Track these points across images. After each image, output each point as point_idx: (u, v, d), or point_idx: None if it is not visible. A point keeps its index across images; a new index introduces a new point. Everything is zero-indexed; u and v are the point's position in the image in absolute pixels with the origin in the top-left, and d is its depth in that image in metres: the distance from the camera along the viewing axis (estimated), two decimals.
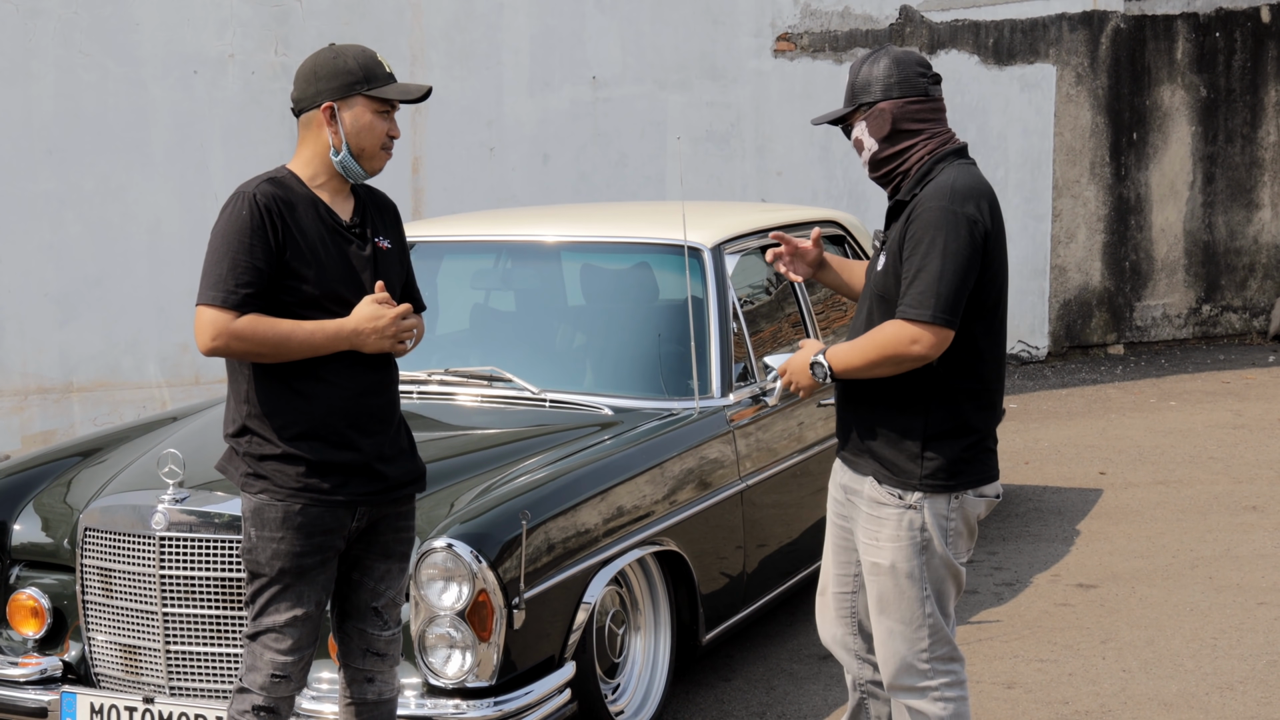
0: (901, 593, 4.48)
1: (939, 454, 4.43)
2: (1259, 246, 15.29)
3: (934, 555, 4.47)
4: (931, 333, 4.30)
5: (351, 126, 4.37)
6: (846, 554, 4.73)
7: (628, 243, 6.76)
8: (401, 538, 4.55)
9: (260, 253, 4.26)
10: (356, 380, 4.38)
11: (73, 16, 10.67)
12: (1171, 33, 14.75)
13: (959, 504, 4.47)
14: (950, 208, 4.32)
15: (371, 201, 4.56)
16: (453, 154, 12.08)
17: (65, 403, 10.77)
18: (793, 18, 13.34)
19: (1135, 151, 14.72)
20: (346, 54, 4.41)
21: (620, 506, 5.53)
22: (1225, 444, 10.69)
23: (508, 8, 12.24)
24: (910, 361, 4.34)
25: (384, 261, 4.48)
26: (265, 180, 4.38)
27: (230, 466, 4.45)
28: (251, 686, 4.38)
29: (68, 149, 10.74)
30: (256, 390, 4.35)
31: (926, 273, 4.30)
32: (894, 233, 4.47)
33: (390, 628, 4.55)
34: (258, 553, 4.35)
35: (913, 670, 4.50)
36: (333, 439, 4.34)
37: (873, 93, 4.50)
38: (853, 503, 4.61)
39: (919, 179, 4.46)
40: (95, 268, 10.85)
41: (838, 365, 4.47)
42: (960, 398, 4.45)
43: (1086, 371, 14.00)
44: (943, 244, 4.30)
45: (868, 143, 4.52)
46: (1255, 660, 6.43)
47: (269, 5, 11.30)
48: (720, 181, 13.05)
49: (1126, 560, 7.91)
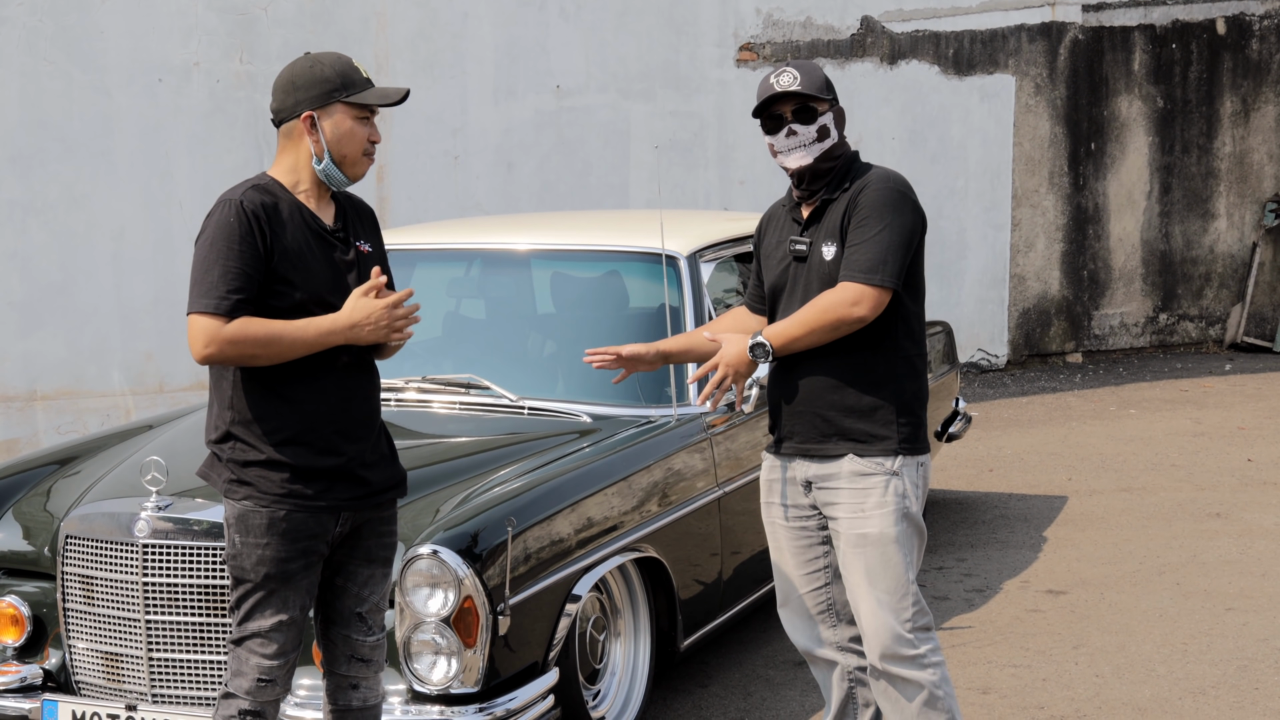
0: (888, 561, 4.69)
1: (909, 420, 4.75)
2: (1215, 256, 15.43)
3: (910, 520, 4.73)
4: (876, 295, 4.60)
5: (332, 134, 4.38)
6: (809, 551, 4.92)
7: (605, 251, 6.78)
8: (384, 542, 4.56)
9: (249, 259, 4.26)
10: (342, 385, 4.39)
11: (37, 24, 10.63)
12: (1129, 44, 14.88)
13: (924, 467, 4.79)
14: (898, 189, 4.71)
15: (351, 207, 4.57)
16: (417, 162, 12.09)
17: (29, 411, 10.72)
18: (755, 28, 13.39)
19: (1093, 161, 14.84)
20: (323, 62, 4.42)
21: (602, 513, 5.55)
22: (1186, 451, 10.79)
23: (472, 17, 12.25)
24: (849, 324, 4.61)
25: (366, 265, 4.50)
26: (251, 187, 4.37)
27: (212, 473, 4.44)
28: (237, 691, 4.38)
29: (32, 157, 10.70)
30: (242, 396, 4.34)
31: (875, 243, 4.62)
32: (829, 224, 4.74)
33: (374, 633, 4.56)
34: (242, 559, 4.35)
35: (901, 639, 4.69)
36: (318, 444, 4.35)
37: (833, 93, 4.82)
38: (827, 489, 4.78)
39: (841, 178, 4.78)
40: (59, 275, 10.81)
41: (778, 340, 4.67)
42: (918, 367, 4.81)
43: (1046, 380, 14.09)
44: (890, 219, 4.65)
45: (833, 132, 4.79)
46: (1226, 665, 6.49)
47: (234, 14, 11.29)
48: (683, 190, 13.10)
49: (1094, 566, 7.98)
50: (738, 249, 7.04)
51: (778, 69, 4.80)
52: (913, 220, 4.69)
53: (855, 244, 4.63)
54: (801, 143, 4.75)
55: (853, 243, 4.64)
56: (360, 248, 4.49)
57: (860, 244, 4.62)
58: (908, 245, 4.66)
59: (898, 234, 4.63)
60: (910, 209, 4.70)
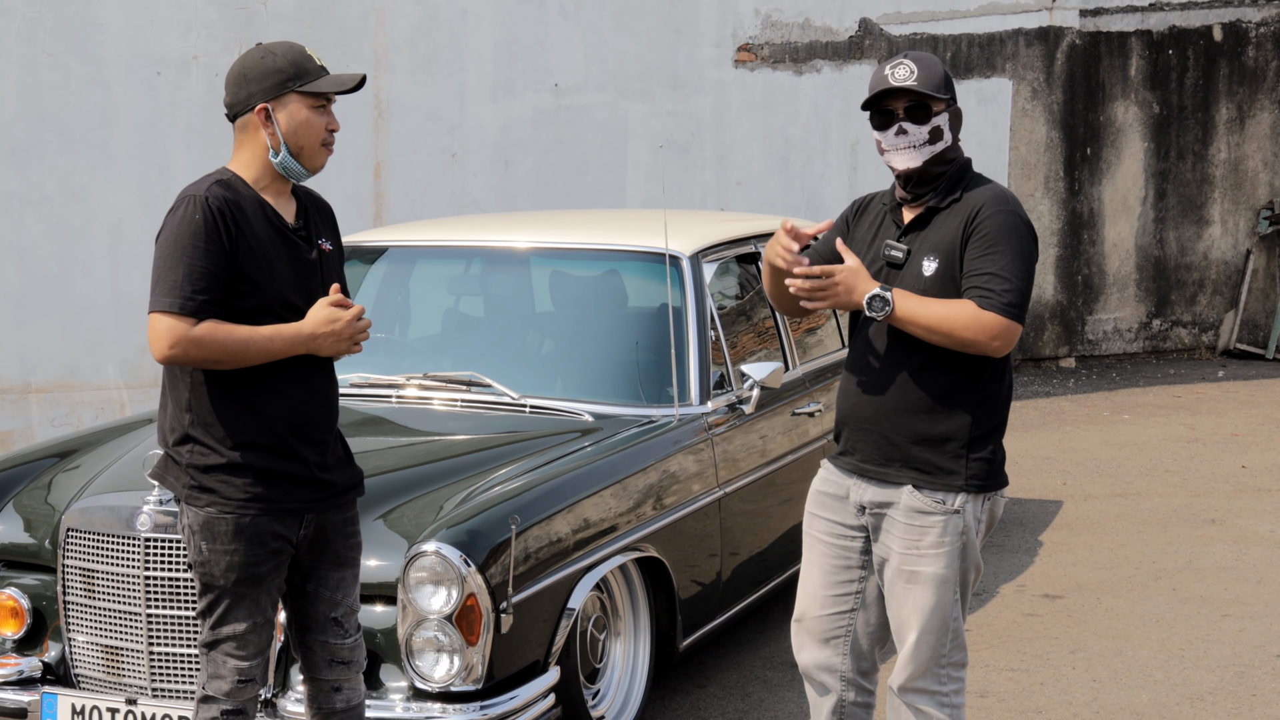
0: (939, 600, 4.44)
1: (982, 455, 4.42)
2: (1209, 262, 15.45)
3: (968, 557, 4.46)
4: (1014, 334, 4.30)
5: (288, 125, 4.30)
6: (843, 573, 4.62)
7: (608, 250, 6.77)
8: (351, 543, 4.54)
9: (215, 257, 4.20)
10: (301, 388, 4.34)
11: (37, 16, 10.61)
12: (1126, 50, 14.89)
13: (990, 503, 4.49)
14: (1020, 216, 4.40)
15: (311, 203, 4.51)
16: (415, 159, 12.08)
17: (23, 404, 10.70)
18: (754, 29, 13.39)
19: (1089, 166, 14.86)
20: (275, 52, 4.34)
21: (604, 512, 5.55)
22: (1180, 457, 10.80)
23: (471, 14, 12.24)
24: (977, 352, 4.30)
25: (327, 264, 4.46)
26: (214, 183, 4.30)
27: (169, 475, 4.38)
28: (217, 694, 4.35)
29: (30, 149, 10.67)
30: (203, 398, 4.29)
31: (1014, 275, 4.30)
32: (936, 237, 4.43)
33: (351, 635, 4.54)
34: (211, 566, 4.31)
35: (930, 675, 4.49)
36: (278, 448, 4.31)
37: (951, 92, 4.47)
38: (881, 515, 4.51)
39: (951, 186, 4.46)
40: (56, 268, 10.79)
41: (903, 312, 4.31)
42: (996, 399, 4.47)
43: (1039, 384, 14.10)
44: (1020, 249, 4.34)
45: (947, 135, 4.44)
46: (1223, 671, 6.50)
47: (233, 8, 11.27)
48: (680, 190, 13.09)
49: (1090, 571, 7.98)
50: (740, 250, 7.04)
51: (894, 60, 4.44)
52: (1034, 252, 4.40)
53: (990, 272, 4.30)
54: (912, 143, 4.41)
55: (984, 270, 4.30)
56: (322, 245, 4.45)
57: (997, 274, 4.29)
58: (1031, 279, 4.37)
59: (1027, 267, 4.34)
60: (1032, 240, 4.40)
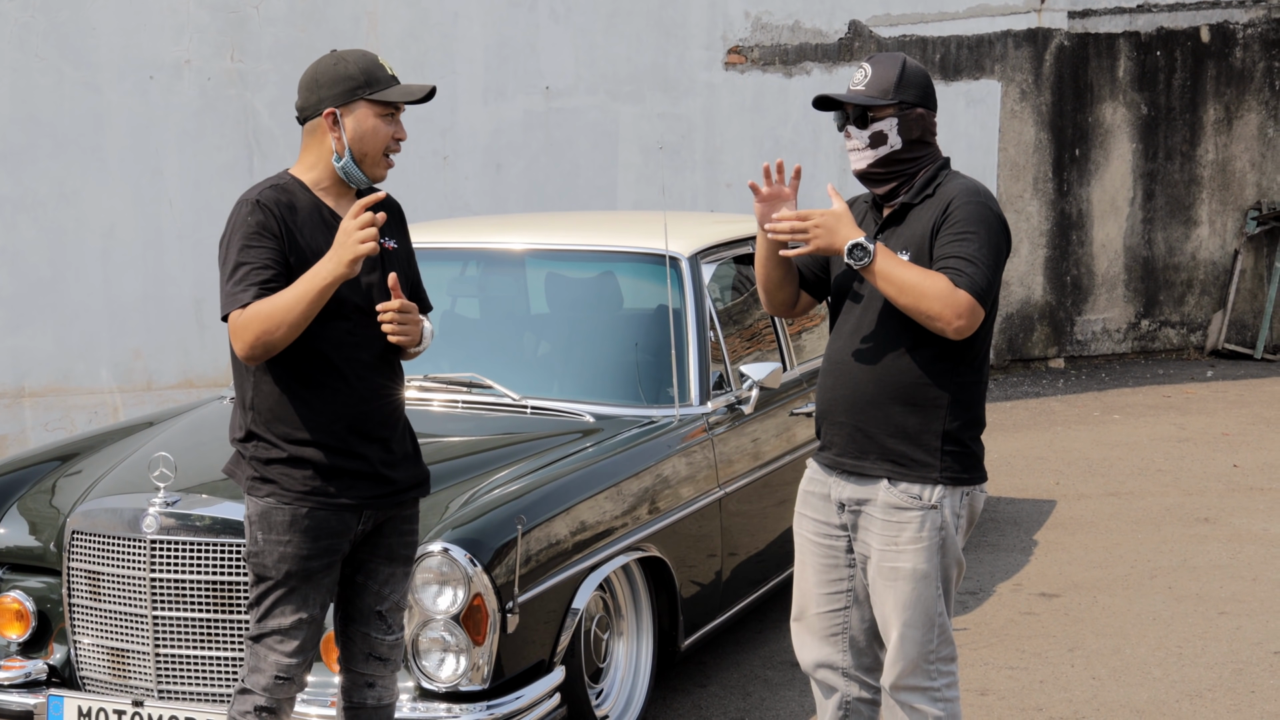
0: (919, 596, 4.48)
1: (957, 448, 4.47)
2: (1197, 263, 15.50)
3: (948, 553, 4.50)
4: (976, 317, 4.32)
5: (354, 131, 4.37)
6: (832, 571, 4.68)
7: (608, 251, 6.79)
8: (406, 541, 4.56)
9: (268, 254, 4.26)
10: (361, 385, 4.38)
11: (29, 20, 10.61)
12: (1114, 51, 14.94)
13: (969, 498, 4.53)
14: (992, 209, 4.43)
15: (378, 203, 4.54)
16: (406, 162, 12.06)
17: (16, 408, 10.70)
18: (744, 31, 13.42)
19: (1077, 167, 14.90)
20: (347, 59, 4.42)
21: (607, 512, 5.57)
22: (1172, 457, 10.84)
23: (462, 17, 12.26)
24: (937, 326, 4.31)
25: (390, 263, 4.50)
26: (268, 186, 4.38)
27: (238, 470, 4.45)
28: (254, 688, 4.39)
29: (22, 152, 10.68)
30: (264, 396, 4.35)
31: (984, 261, 4.34)
32: (909, 232, 4.48)
33: (394, 632, 4.55)
34: (264, 556, 4.35)
35: (919, 671, 4.52)
36: (337, 445, 4.35)
37: (912, 95, 4.52)
38: (859, 513, 4.56)
39: (924, 185, 4.52)
40: (49, 272, 10.79)
41: (882, 266, 4.32)
42: (972, 392, 4.51)
43: (1029, 385, 14.14)
44: (990, 239, 4.38)
45: (892, 139, 4.50)
46: (1221, 669, 6.54)
47: (226, 12, 11.27)
48: (670, 192, 13.11)
49: (1086, 570, 8.02)
50: (738, 250, 7.06)
51: (860, 63, 4.57)
52: (1005, 243, 4.44)
53: (962, 255, 4.33)
54: (855, 146, 4.53)
55: (956, 254, 4.34)
56: (384, 244, 4.48)
57: (968, 258, 4.33)
58: (999, 268, 4.40)
59: (996, 256, 4.37)
60: (1001, 231, 4.43)
